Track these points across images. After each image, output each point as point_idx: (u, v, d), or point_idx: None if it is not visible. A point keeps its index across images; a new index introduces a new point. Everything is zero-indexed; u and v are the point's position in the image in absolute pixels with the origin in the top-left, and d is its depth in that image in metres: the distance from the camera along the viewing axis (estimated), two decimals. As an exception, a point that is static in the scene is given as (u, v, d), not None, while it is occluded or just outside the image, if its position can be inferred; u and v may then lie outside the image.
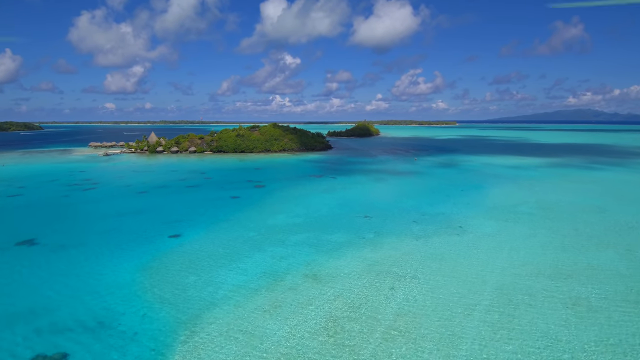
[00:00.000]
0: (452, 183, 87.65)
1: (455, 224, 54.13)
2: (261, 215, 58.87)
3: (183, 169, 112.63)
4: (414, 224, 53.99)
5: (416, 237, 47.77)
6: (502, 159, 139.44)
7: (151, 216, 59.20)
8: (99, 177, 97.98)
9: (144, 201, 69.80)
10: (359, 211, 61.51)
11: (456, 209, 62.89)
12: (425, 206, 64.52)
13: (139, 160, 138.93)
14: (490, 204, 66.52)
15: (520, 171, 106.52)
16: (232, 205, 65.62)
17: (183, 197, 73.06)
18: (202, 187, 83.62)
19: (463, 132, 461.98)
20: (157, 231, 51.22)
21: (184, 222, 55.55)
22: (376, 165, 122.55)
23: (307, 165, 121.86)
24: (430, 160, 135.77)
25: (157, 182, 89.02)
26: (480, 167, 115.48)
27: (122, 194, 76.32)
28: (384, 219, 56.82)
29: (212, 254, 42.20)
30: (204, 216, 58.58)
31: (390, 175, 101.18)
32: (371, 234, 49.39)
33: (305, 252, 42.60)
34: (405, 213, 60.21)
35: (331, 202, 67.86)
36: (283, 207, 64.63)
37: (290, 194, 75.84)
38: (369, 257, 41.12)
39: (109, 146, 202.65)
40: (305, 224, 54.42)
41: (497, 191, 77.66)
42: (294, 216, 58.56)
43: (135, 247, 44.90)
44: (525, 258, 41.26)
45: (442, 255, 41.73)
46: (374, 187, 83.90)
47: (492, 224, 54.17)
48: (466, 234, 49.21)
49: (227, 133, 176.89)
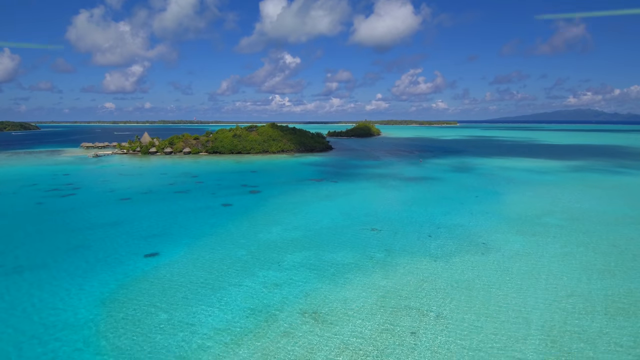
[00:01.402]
0: (464, 188, 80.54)
1: (476, 238, 47.03)
2: (254, 228, 51.72)
3: (174, 172, 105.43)
4: (429, 239, 46.86)
5: (434, 257, 40.64)
6: (513, 161, 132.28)
7: (129, 229, 52.04)
8: (82, 181, 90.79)
9: (124, 210, 62.63)
10: (365, 222, 54.41)
11: (474, 219, 55.80)
12: (439, 216, 57.41)
13: (129, 162, 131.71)
14: (511, 213, 59.42)
15: (535, 175, 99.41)
16: (223, 216, 58.47)
17: (168, 205, 65.88)
18: (191, 193, 76.43)
19: (465, 132, 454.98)
20: (132, 248, 44.07)
21: (164, 236, 48.40)
22: (380, 168, 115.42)
23: (306, 168, 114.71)
24: (437, 163, 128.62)
25: (143, 187, 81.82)
26: (492, 170, 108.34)
27: (102, 202, 69.14)
28: (393, 232, 49.70)
29: (192, 280, 35.04)
30: (189, 229, 51.42)
31: (396, 179, 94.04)
32: (381, 252, 42.27)
33: (304, 278, 35.47)
34: (417, 225, 53.10)
35: (333, 211, 60.76)
36: (279, 217, 57.51)
37: (288, 201, 68.70)
38: (381, 285, 33.99)
39: (101, 147, 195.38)
40: (304, 238, 47.29)
41: (516, 198, 70.54)
42: (292, 229, 51.43)
43: (102, 271, 37.78)
44: (569, 286, 34.17)
45: (469, 282, 34.60)
46: (380, 193, 76.76)
47: (519, 239, 47.05)
48: (492, 253, 42.09)
49: (224, 133, 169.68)
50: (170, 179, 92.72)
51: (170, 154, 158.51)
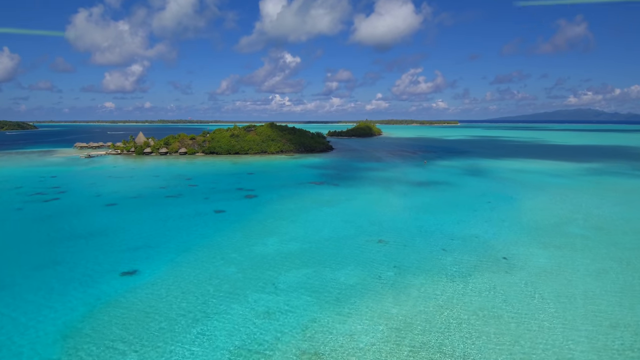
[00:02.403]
0: (473, 192, 75.49)
1: (495, 252, 42.02)
2: (247, 239, 46.70)
3: (167, 174, 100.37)
4: (443, 253, 41.84)
5: (451, 277, 35.63)
6: (522, 163, 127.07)
7: (109, 240, 47.03)
8: (69, 184, 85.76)
9: (107, 218, 57.62)
10: (370, 232, 49.40)
11: (490, 229, 50.79)
12: (451, 225, 52.38)
13: (121, 163, 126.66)
14: (528, 221, 54.42)
15: (548, 177, 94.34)
16: (214, 224, 53.45)
17: (156, 211, 60.86)
18: (182, 197, 71.40)
19: (467, 132, 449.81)
20: (108, 265, 39.07)
21: (147, 249, 43.38)
22: (383, 171, 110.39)
23: (306, 170, 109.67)
24: (442, 165, 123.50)
25: (132, 191, 76.78)
26: (501, 173, 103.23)
27: (85, 208, 64.12)
28: (403, 245, 44.68)
29: (171, 307, 30.02)
30: (175, 240, 46.38)
31: (401, 183, 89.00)
32: (390, 269, 37.26)
33: (303, 305, 30.45)
34: (428, 236, 48.07)
35: (335, 219, 55.75)
36: (276, 226, 52.50)
37: (286, 207, 63.69)
38: (393, 314, 28.97)
39: (95, 147, 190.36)
40: (303, 252, 42.28)
41: (530, 204, 65.52)
42: (289, 240, 46.40)
43: (72, 293, 32.82)
44: (612, 314, 29.17)
45: (496, 310, 29.58)
46: (384, 198, 71.71)
47: (544, 253, 42.03)
48: (516, 271, 37.08)
49: (221, 133, 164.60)
50: (162, 182, 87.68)
51: (165, 154, 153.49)
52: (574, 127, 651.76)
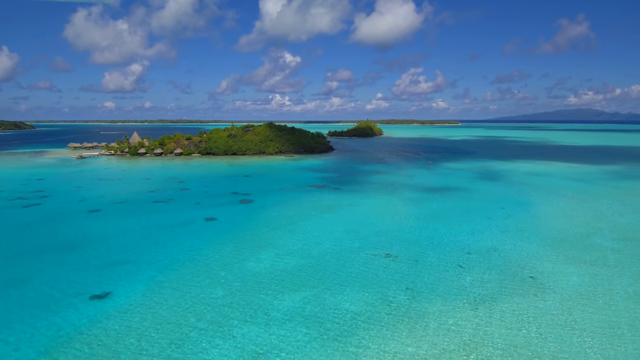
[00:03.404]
0: (485, 197, 70.50)
1: (520, 270, 37.06)
2: (239, 253, 41.74)
3: (159, 177, 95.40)
4: (460, 271, 36.87)
5: (473, 302, 30.64)
6: (532, 165, 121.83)
7: (85, 254, 42.07)
8: (55, 188, 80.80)
9: (88, 226, 52.66)
10: (376, 245, 44.44)
11: (509, 241, 45.81)
12: (466, 237, 47.40)
13: (113, 165, 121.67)
14: (551, 231, 49.45)
15: (562, 181, 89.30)
16: (203, 235, 48.46)
17: (142, 219, 55.89)
18: (172, 202, 66.42)
19: (469, 132, 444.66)
20: (79, 284, 34.14)
21: (126, 265, 38.43)
22: (387, 173, 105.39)
23: (305, 172, 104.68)
24: (448, 167, 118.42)
25: (119, 196, 71.80)
26: (511, 175, 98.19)
27: (66, 214, 59.18)
28: (413, 260, 39.71)
29: (142, 345, 25.05)
30: (158, 254, 41.41)
31: (406, 186, 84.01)
32: (402, 292, 32.29)
33: (301, 342, 25.48)
34: (441, 248, 43.10)
35: (336, 229, 50.78)
36: (272, 236, 47.53)
37: (283, 213, 58.74)
38: (409, 353, 24.00)
39: (89, 147, 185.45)
40: (301, 269, 37.32)
41: (549, 210, 60.55)
42: (286, 254, 41.43)
43: (27, 322, 27.92)
44: (673, 353, 24.20)
45: (533, 349, 24.60)
46: (390, 204, 66.70)
47: (574, 271, 37.07)
48: (547, 294, 32.11)
49: (218, 133, 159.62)
50: (152, 185, 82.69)
51: (160, 155, 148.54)
52: (577, 127, 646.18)
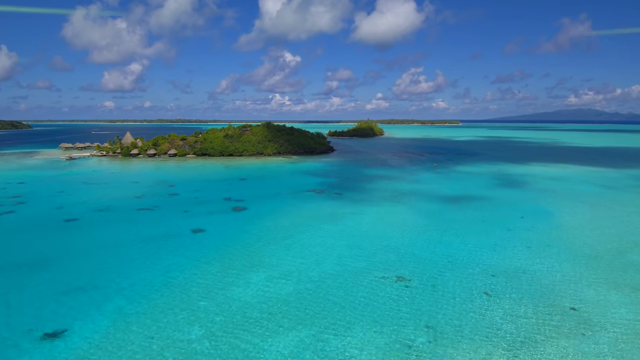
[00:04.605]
0: (501, 205, 64.57)
1: (559, 299, 31.12)
2: (226, 275, 35.83)
3: (148, 180, 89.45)
4: (488, 301, 30.95)
5: (510, 346, 24.72)
6: (545, 167, 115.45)
7: (48, 276, 36.17)
8: (34, 193, 74.87)
9: (59, 239, 46.77)
10: (385, 264, 38.53)
11: (536, 259, 39.90)
12: (486, 253, 41.48)
13: (103, 167, 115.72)
14: (582, 247, 43.54)
15: (582, 185, 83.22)
16: (187, 251, 42.51)
17: (120, 231, 49.98)
18: (158, 210, 60.50)
19: (472, 132, 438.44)
20: (31, 318, 28.27)
21: (91, 292, 32.52)
22: (391, 177, 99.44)
23: (304, 175, 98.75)
24: (456, 169, 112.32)
25: (102, 202, 65.87)
26: (525, 179, 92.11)
27: (39, 224, 53.29)
28: (430, 285, 33.79)
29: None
30: (132, 277, 35.48)
31: (413, 192, 78.09)
32: (421, 332, 26.37)
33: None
34: (460, 269, 37.17)
35: (339, 243, 44.88)
36: (265, 253, 41.63)
37: (279, 224, 52.86)
38: None
39: (81, 147, 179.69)
40: (298, 298, 31.40)
41: (575, 221, 54.63)
42: (280, 277, 35.52)
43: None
44: None
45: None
46: (396, 213, 60.78)
47: (622, 300, 31.14)
48: (597, 333, 26.19)
49: (214, 133, 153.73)
50: (140, 190, 76.75)
51: (153, 156, 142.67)
52: (581, 127, 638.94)
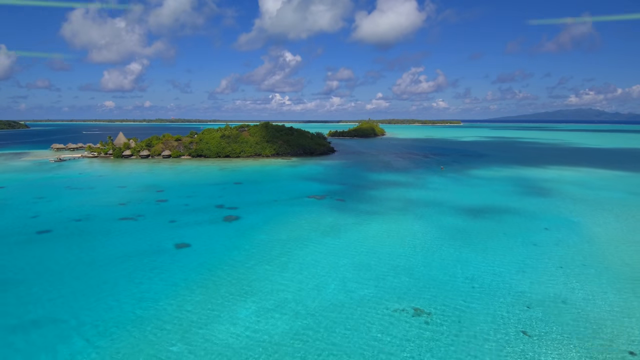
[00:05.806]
0: (520, 214, 58.67)
1: (613, 339, 25.34)
2: (208, 307, 29.98)
3: (136, 184, 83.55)
4: (528, 343, 25.13)
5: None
6: (558, 171, 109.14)
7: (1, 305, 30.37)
8: (11, 199, 69.09)
9: (24, 257, 40.93)
10: (398, 290, 32.72)
11: (576, 283, 34.11)
12: (515, 277, 35.65)
13: (91, 169, 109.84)
14: (622, 268, 37.73)
15: (604, 191, 77.09)
16: (167, 273, 36.67)
17: (96, 246, 44.13)
18: (141, 221, 54.68)
19: (475, 132, 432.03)
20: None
21: (47, 329, 26.71)
22: (396, 182, 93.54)
23: (304, 180, 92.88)
24: (464, 173, 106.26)
25: (81, 210, 60.03)
26: (540, 184, 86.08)
27: (7, 237, 47.44)
28: (456, 322, 27.95)
29: None
30: (97, 309, 29.63)
31: (422, 199, 72.23)
32: (449, 391, 20.51)
33: None
34: (488, 298, 31.34)
35: (342, 262, 39.08)
36: (256, 277, 35.81)
37: (275, 237, 47.03)
38: None
39: (73, 148, 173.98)
40: (293, 338, 25.58)
41: (607, 233, 48.78)
42: (273, 308, 29.69)
43: None
44: None
45: None
46: (405, 225, 54.93)
47: (693, 342, 25.32)
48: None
49: (210, 134, 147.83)
50: (125, 196, 70.91)
51: (147, 157, 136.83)
52: (585, 127, 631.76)
